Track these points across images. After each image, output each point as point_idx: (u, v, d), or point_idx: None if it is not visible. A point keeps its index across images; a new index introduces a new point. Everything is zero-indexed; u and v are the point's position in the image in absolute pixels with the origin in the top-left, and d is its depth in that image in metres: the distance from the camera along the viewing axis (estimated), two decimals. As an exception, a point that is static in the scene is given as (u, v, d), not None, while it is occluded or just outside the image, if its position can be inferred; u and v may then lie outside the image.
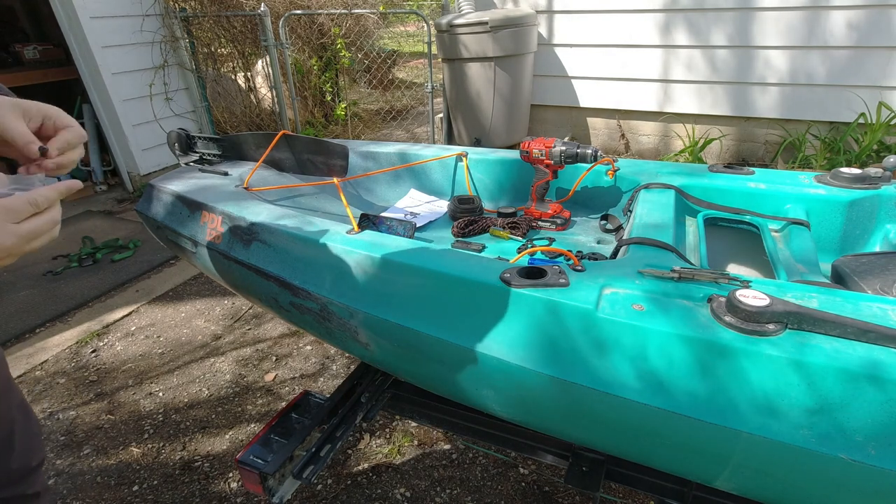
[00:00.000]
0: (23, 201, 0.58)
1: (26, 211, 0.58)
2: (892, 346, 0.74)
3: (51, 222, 0.61)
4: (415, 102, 6.24)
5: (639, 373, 0.82)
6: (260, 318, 2.63)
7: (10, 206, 0.57)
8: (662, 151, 4.20)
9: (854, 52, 3.36)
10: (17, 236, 0.57)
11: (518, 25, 3.76)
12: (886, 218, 1.33)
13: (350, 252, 1.12)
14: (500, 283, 0.94)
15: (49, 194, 0.60)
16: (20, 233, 0.57)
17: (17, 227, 0.57)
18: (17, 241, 0.57)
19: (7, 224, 0.57)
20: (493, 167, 1.75)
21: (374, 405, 1.40)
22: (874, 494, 0.73)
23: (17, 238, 0.57)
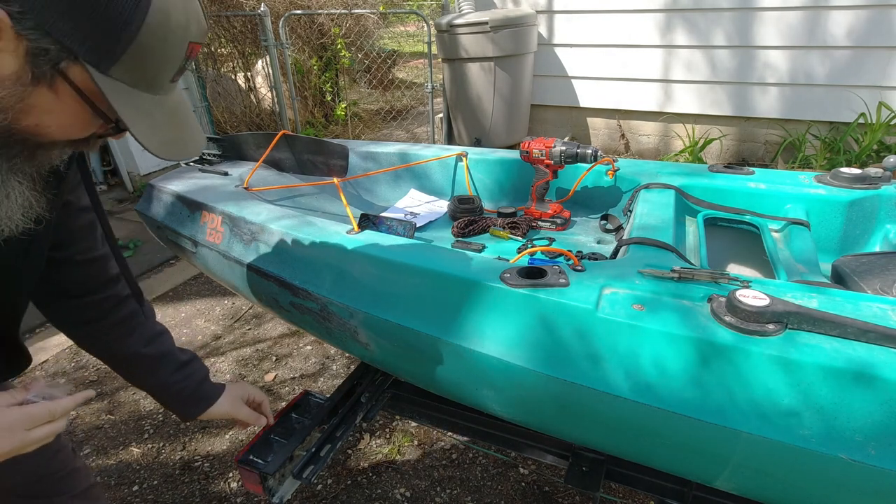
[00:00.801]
0: (43, 411, 0.65)
1: (43, 419, 0.65)
2: (892, 346, 0.74)
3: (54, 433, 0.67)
4: (415, 102, 6.24)
5: (639, 373, 0.82)
6: (260, 318, 2.63)
7: (32, 413, 0.64)
8: (662, 151, 4.20)
9: (854, 52, 3.36)
10: (22, 442, 0.64)
11: (518, 25, 3.76)
12: (886, 218, 1.33)
13: (350, 252, 1.12)
14: (500, 283, 0.94)
15: (67, 405, 0.68)
16: (26, 439, 0.64)
17: (29, 433, 0.64)
18: (21, 445, 0.64)
19: (22, 430, 0.64)
20: (493, 167, 1.75)
21: (374, 405, 1.40)
22: (874, 494, 0.73)
23: (22, 443, 0.64)
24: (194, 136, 0.68)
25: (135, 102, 0.58)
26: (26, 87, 0.54)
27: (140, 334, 0.98)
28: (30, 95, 0.55)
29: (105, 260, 0.93)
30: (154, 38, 0.56)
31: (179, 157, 0.65)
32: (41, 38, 0.52)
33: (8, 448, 0.63)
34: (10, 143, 0.59)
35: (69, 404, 0.69)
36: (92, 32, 0.53)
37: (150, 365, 0.99)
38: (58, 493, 1.04)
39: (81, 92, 0.56)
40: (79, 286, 0.92)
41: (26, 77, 0.53)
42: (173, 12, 0.56)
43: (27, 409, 0.65)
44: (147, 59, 0.57)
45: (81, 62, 0.54)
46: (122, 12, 0.53)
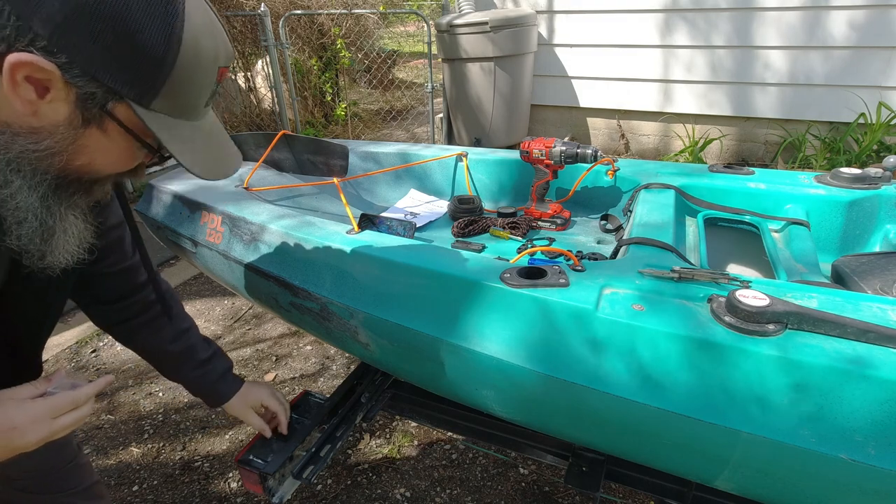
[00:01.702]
0: (67, 400, 0.70)
1: (67, 408, 0.70)
2: (891, 346, 0.74)
3: (81, 419, 0.72)
4: (415, 102, 6.24)
5: (638, 373, 0.82)
6: (260, 318, 2.63)
7: (56, 403, 0.69)
8: (662, 151, 4.20)
9: (854, 52, 3.36)
10: (50, 430, 0.69)
11: (518, 25, 3.76)
12: (886, 218, 1.33)
13: (350, 252, 1.12)
14: (500, 283, 0.94)
15: (90, 391, 0.73)
16: (54, 428, 0.69)
17: (54, 421, 0.69)
18: (50, 433, 0.69)
19: (48, 419, 0.68)
20: (493, 167, 1.75)
21: (374, 405, 1.40)
22: (874, 494, 0.73)
23: (51, 432, 0.69)
24: (231, 156, 0.73)
25: (177, 131, 0.62)
26: (78, 129, 0.58)
27: (165, 334, 1.07)
28: (81, 137, 0.59)
29: (133, 269, 1.01)
30: (188, 68, 0.59)
31: (222, 176, 0.70)
32: (88, 84, 0.56)
33: (37, 438, 0.68)
34: (67, 183, 0.63)
35: (91, 390, 0.73)
36: (132, 72, 0.57)
37: (173, 361, 1.11)
38: (62, 489, 1.08)
39: (128, 128, 0.60)
40: (109, 293, 1.01)
41: (77, 121, 0.58)
42: (203, 41, 0.60)
43: (51, 399, 0.69)
44: (183, 89, 0.61)
45: (126, 100, 0.58)
46: (158, 49, 0.57)
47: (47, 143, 0.58)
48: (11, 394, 0.70)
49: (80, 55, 0.54)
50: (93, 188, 0.67)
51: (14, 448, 0.67)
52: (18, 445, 0.67)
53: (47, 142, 0.58)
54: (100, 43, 0.54)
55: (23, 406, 0.68)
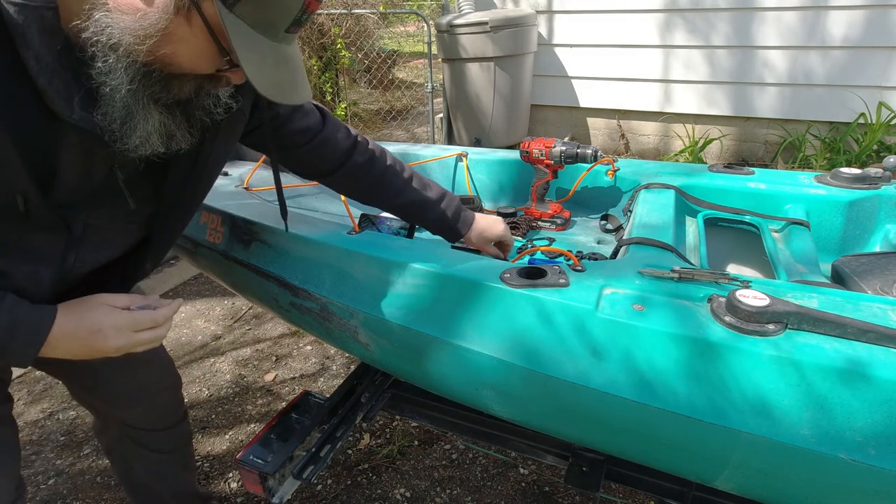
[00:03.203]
0: (147, 318, 0.79)
1: (146, 324, 0.79)
2: (892, 346, 0.74)
3: (159, 338, 0.82)
4: (415, 102, 6.24)
5: (638, 373, 0.82)
6: (260, 318, 2.63)
7: (136, 318, 0.79)
8: (662, 151, 4.20)
9: (854, 52, 3.36)
10: (131, 342, 0.78)
11: (518, 25, 3.76)
12: (886, 218, 1.33)
13: (350, 252, 1.12)
14: (500, 283, 0.94)
15: (168, 313, 0.82)
16: (134, 340, 0.79)
17: (135, 335, 0.79)
18: (130, 345, 0.78)
19: (129, 332, 0.78)
20: (493, 167, 1.75)
21: (374, 405, 1.40)
22: (874, 494, 0.73)
23: (131, 343, 0.78)
24: (301, 86, 0.75)
25: (251, 41, 0.65)
26: (169, 15, 0.62)
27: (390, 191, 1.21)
28: (170, 24, 0.62)
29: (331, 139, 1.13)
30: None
31: (285, 99, 0.72)
32: None
33: (117, 345, 0.77)
34: (150, 73, 0.67)
35: (168, 312, 0.82)
36: None
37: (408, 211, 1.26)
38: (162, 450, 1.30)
39: (209, 25, 0.64)
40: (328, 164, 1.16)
41: (171, 6, 0.62)
42: None
43: (136, 314, 0.79)
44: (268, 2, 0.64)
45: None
46: None
47: (142, 25, 0.62)
48: (107, 299, 0.79)
49: None
50: (171, 84, 0.69)
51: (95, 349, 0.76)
52: (100, 347, 0.76)
53: (142, 23, 0.61)
54: None
55: (112, 313, 0.77)
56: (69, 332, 0.74)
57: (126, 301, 0.79)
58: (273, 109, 1.02)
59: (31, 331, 0.72)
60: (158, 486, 1.35)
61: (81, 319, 0.75)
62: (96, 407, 1.25)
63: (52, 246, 0.79)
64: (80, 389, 1.20)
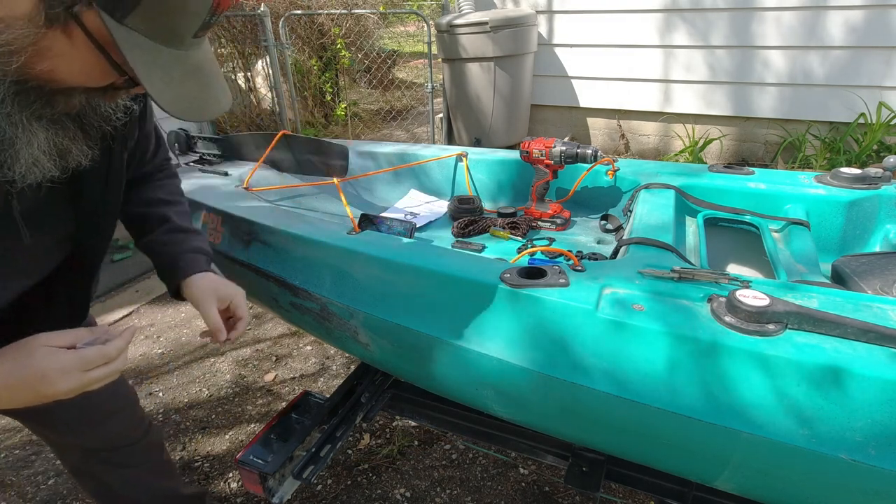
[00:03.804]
0: (97, 354, 0.69)
1: (97, 361, 0.69)
2: (892, 346, 0.74)
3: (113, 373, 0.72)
4: (415, 102, 6.24)
5: (639, 373, 0.82)
6: (260, 318, 2.63)
7: (86, 356, 0.68)
8: (662, 151, 4.20)
9: (854, 52, 3.36)
10: (83, 383, 0.68)
11: (518, 25, 3.76)
12: (886, 218, 1.33)
13: (350, 252, 1.12)
14: (500, 283, 0.94)
15: (120, 345, 0.72)
16: (86, 380, 0.68)
17: (86, 375, 0.68)
18: (82, 385, 0.69)
19: (78, 372, 0.68)
20: (493, 167, 1.75)
21: (374, 405, 1.40)
22: (874, 494, 0.73)
23: (83, 384, 0.68)
24: (216, 97, 0.66)
25: (150, 55, 0.56)
26: (39, 28, 0.52)
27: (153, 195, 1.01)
28: (43, 38, 0.53)
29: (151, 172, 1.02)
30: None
31: (194, 117, 0.63)
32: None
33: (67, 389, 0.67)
34: (27, 90, 0.58)
35: (121, 343, 0.72)
36: None
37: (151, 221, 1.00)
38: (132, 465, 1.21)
39: (95, 39, 0.55)
40: None
41: (39, 18, 0.52)
42: None
43: (83, 352, 0.69)
44: (166, 10, 0.55)
45: (96, 8, 0.52)
46: None
47: (5, 38, 0.52)
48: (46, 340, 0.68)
49: None
50: (54, 99, 0.61)
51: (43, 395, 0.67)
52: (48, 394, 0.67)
53: (5, 36, 0.52)
54: None
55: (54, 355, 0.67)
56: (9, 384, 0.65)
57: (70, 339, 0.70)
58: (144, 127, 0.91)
59: None
60: (137, 496, 1.28)
61: (21, 367, 0.65)
62: (50, 438, 1.17)
63: None
64: (32, 424, 1.13)
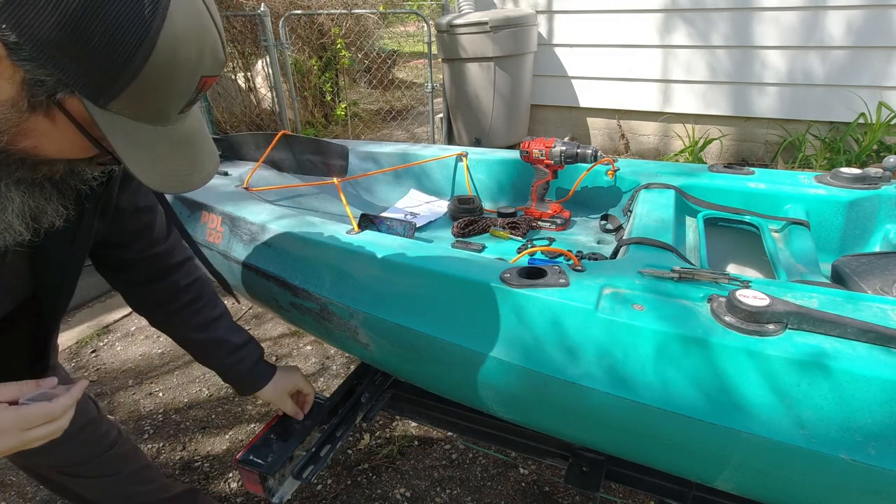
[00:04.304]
0: (40, 412, 0.66)
1: (39, 420, 0.66)
2: (892, 346, 0.74)
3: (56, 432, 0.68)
4: (415, 102, 6.24)
5: (638, 373, 0.82)
6: (260, 318, 2.63)
7: (27, 415, 0.65)
8: (662, 151, 4.20)
9: (853, 52, 3.36)
10: (21, 442, 0.65)
11: (518, 25, 3.76)
12: (886, 218, 1.33)
13: (350, 252, 1.12)
14: (500, 283, 0.94)
15: (66, 402, 0.68)
16: (24, 439, 0.65)
17: (26, 433, 0.65)
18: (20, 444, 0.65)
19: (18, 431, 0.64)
20: (493, 167, 1.75)
21: (374, 405, 1.40)
22: (874, 494, 0.73)
23: (21, 443, 0.65)
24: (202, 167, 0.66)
25: (134, 136, 0.56)
26: (22, 113, 0.53)
27: (196, 322, 1.07)
28: (26, 121, 0.54)
29: (163, 255, 1.02)
30: (158, 76, 0.54)
31: (180, 190, 0.63)
32: (37, 70, 0.51)
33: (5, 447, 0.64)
34: (9, 161, 0.59)
35: (67, 401, 0.69)
36: (90, 69, 0.51)
37: (206, 349, 1.10)
38: (104, 474, 1.18)
39: (78, 123, 0.55)
40: (141, 276, 1.02)
41: (22, 104, 0.53)
42: (182, 49, 0.54)
43: (24, 409, 0.65)
44: (150, 95, 0.55)
45: (78, 95, 0.53)
46: (124, 50, 0.51)
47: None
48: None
49: (33, 39, 0.49)
50: (37, 167, 0.62)
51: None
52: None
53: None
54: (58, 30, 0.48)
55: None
56: None
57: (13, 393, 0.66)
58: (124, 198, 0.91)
59: None
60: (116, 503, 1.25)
61: None
62: (14, 460, 1.15)
63: None
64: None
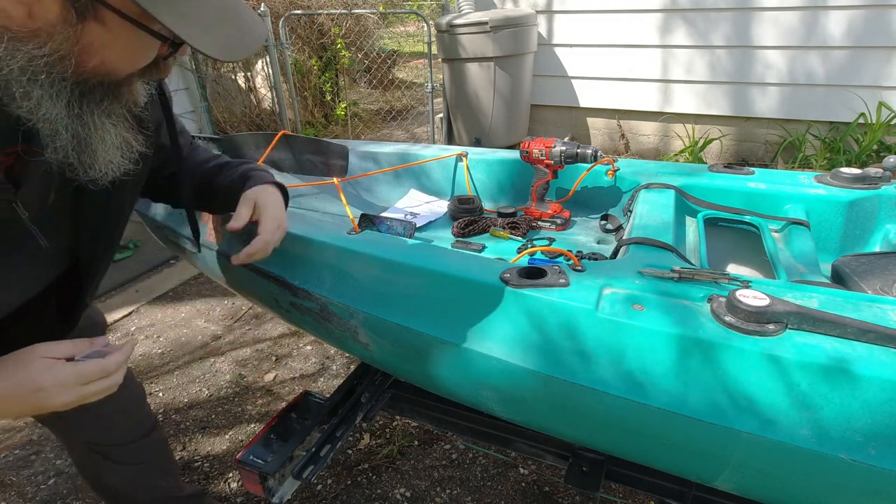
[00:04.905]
0: (95, 368, 0.70)
1: (95, 375, 0.70)
2: (892, 346, 0.74)
3: (111, 387, 0.73)
4: (415, 102, 6.24)
5: (638, 373, 0.82)
6: (260, 318, 2.63)
7: (82, 370, 0.69)
8: (662, 151, 4.20)
9: (853, 52, 3.36)
10: (79, 396, 0.69)
11: (518, 25, 3.76)
12: (886, 218, 1.33)
13: (350, 252, 1.12)
14: (500, 283, 0.94)
15: (119, 359, 0.73)
16: (83, 394, 0.70)
17: (83, 388, 0.69)
18: (78, 399, 0.70)
19: (76, 386, 0.69)
20: (493, 167, 1.75)
21: (374, 405, 1.40)
22: (874, 494, 0.73)
23: (79, 398, 0.70)
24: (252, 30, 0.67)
25: (179, 9, 0.57)
26: (75, 26, 0.55)
27: None
28: (82, 34, 0.56)
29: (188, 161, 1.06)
30: None
31: (239, 55, 0.65)
32: None
33: (63, 402, 0.68)
34: (90, 89, 0.61)
35: (120, 358, 0.73)
36: None
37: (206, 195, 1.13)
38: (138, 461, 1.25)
39: (125, 14, 0.56)
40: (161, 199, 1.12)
41: (72, 17, 0.54)
42: None
43: (80, 365, 0.70)
44: None
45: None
46: None
47: (50, 46, 0.55)
48: (44, 351, 0.69)
49: None
50: (119, 91, 0.64)
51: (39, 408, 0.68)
52: (44, 406, 0.67)
53: (50, 45, 0.55)
54: None
55: (53, 368, 0.67)
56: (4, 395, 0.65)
57: (69, 350, 0.70)
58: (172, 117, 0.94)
59: None
60: (137, 495, 1.30)
61: (17, 379, 0.66)
62: (58, 427, 1.20)
63: None
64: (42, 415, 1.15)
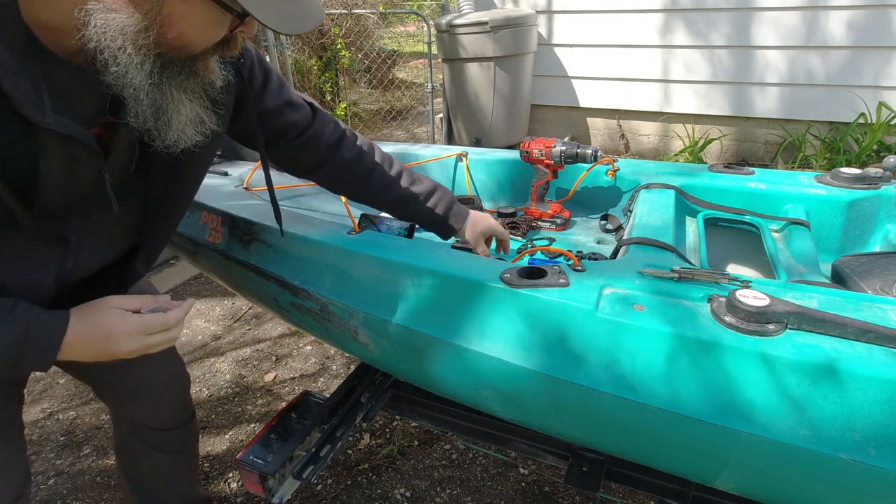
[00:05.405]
0: (159, 321, 0.80)
1: (158, 328, 0.80)
2: (892, 346, 0.74)
3: (171, 340, 0.83)
4: (415, 102, 6.24)
5: (639, 373, 0.82)
6: (260, 318, 2.63)
7: (147, 322, 0.79)
8: (662, 151, 4.20)
9: (854, 52, 3.36)
10: (143, 346, 0.79)
11: (518, 25, 3.76)
12: (886, 218, 1.33)
13: (350, 252, 1.12)
14: (500, 283, 0.94)
15: (179, 315, 0.82)
16: (146, 343, 0.79)
17: (147, 338, 0.79)
18: (143, 348, 0.79)
19: (141, 335, 0.78)
20: (493, 167, 1.75)
21: (374, 405, 1.40)
22: (874, 494, 0.73)
23: (143, 347, 0.79)
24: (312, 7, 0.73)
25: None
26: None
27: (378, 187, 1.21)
28: (163, 5, 0.62)
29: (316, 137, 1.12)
30: None
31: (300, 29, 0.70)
32: None
33: (129, 349, 0.77)
34: (171, 62, 0.67)
35: (180, 314, 0.82)
36: None
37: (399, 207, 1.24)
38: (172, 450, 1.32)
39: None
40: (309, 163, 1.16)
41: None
42: None
43: (147, 317, 0.79)
44: None
45: None
46: None
47: (138, 17, 0.61)
48: (118, 302, 0.78)
49: None
50: (196, 66, 0.70)
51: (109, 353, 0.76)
52: (112, 351, 0.76)
53: (138, 15, 0.61)
54: None
55: (123, 318, 0.77)
56: (82, 337, 0.74)
57: (137, 303, 0.80)
58: (262, 104, 1.01)
59: (45, 337, 0.72)
60: (163, 488, 1.36)
61: (93, 325, 0.75)
62: (109, 400, 1.27)
63: (49, 254, 0.78)
64: (98, 385, 1.23)
